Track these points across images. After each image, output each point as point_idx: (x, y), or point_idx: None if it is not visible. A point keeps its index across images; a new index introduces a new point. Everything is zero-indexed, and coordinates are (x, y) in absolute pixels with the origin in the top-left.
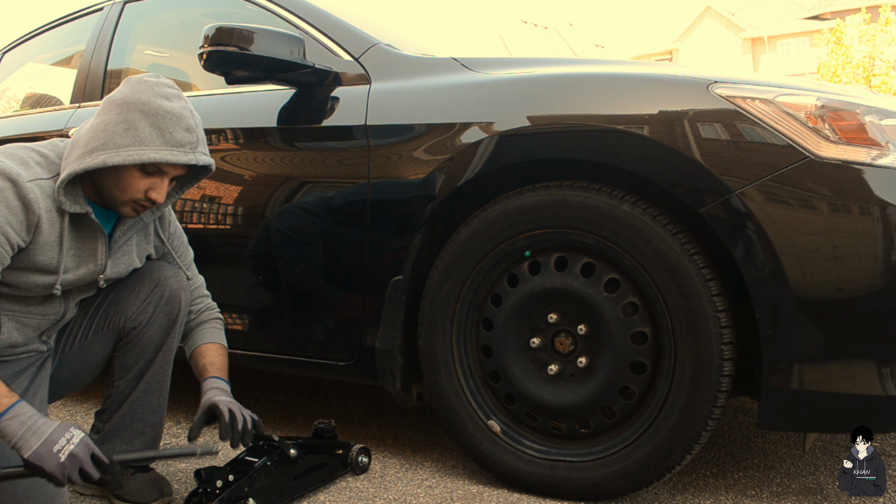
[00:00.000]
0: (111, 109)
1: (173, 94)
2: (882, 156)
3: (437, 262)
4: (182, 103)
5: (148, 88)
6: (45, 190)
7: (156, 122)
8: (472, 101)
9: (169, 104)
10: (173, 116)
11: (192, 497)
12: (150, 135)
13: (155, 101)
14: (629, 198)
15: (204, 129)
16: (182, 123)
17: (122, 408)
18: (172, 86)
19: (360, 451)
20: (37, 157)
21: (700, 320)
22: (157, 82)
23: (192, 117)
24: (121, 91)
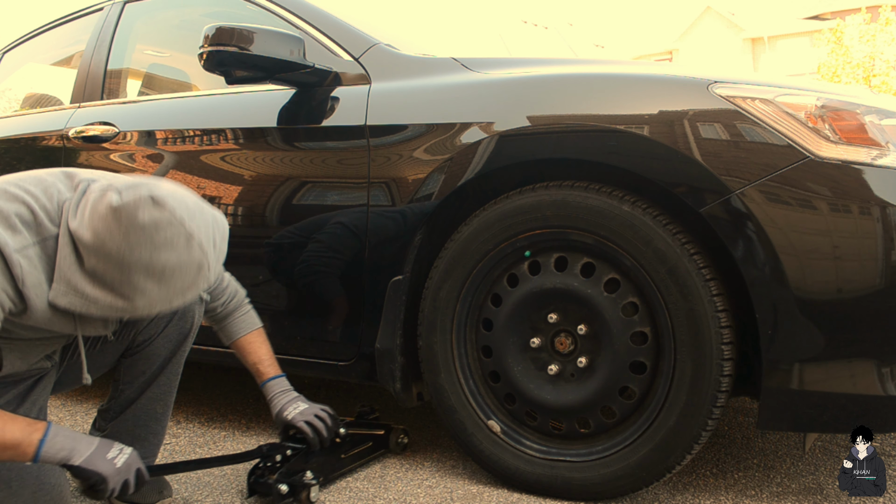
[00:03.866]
0: (109, 254)
1: (173, 234)
2: (882, 156)
3: (437, 262)
4: (185, 244)
5: (146, 238)
6: (32, 261)
7: (163, 282)
8: (472, 101)
9: (175, 256)
10: (182, 272)
11: (255, 470)
12: (160, 294)
13: (159, 259)
14: (629, 198)
15: (204, 129)
16: (190, 276)
17: (125, 412)
18: (167, 220)
19: (401, 432)
20: (25, 214)
21: (700, 320)
22: (152, 223)
23: (199, 255)
24: (114, 233)
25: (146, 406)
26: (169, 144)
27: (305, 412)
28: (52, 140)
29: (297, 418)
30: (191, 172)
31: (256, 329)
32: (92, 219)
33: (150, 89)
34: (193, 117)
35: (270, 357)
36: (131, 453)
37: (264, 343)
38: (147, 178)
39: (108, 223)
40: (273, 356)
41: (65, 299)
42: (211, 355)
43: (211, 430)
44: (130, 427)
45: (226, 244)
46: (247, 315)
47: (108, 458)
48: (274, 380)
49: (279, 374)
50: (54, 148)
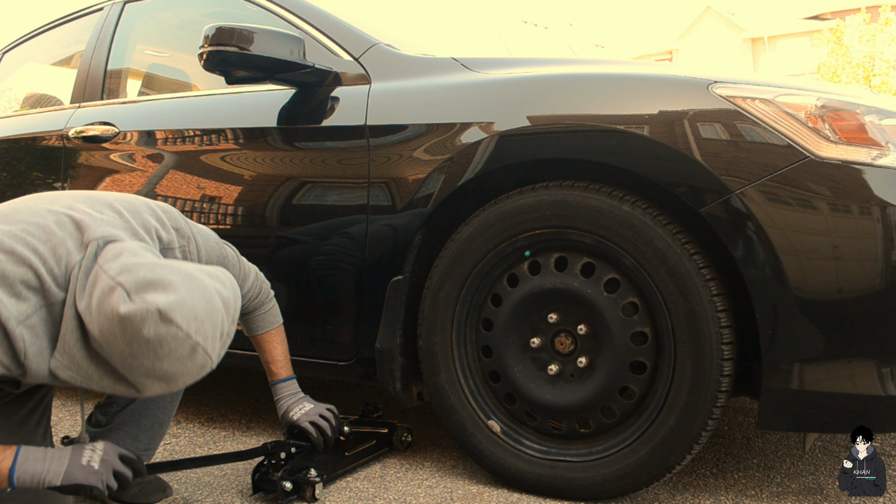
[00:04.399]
0: (112, 352)
1: (177, 346)
2: (882, 156)
3: (437, 262)
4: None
5: (150, 350)
6: (35, 330)
7: (164, 381)
8: (472, 101)
9: (178, 365)
10: (184, 375)
11: (260, 467)
12: (161, 388)
13: (161, 367)
14: (629, 198)
15: (204, 129)
16: (192, 375)
17: (133, 403)
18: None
19: (404, 430)
20: (32, 279)
21: (700, 320)
22: (156, 339)
23: (203, 359)
24: (118, 339)
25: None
26: (169, 144)
27: (310, 412)
28: (52, 140)
29: (301, 419)
30: (191, 172)
31: (276, 328)
32: (99, 314)
33: (150, 89)
34: (193, 117)
35: (285, 357)
36: (105, 446)
37: (281, 342)
38: (162, 271)
39: (112, 326)
40: (287, 356)
41: (66, 373)
42: None
43: (211, 430)
44: (136, 418)
45: (235, 324)
46: (268, 313)
47: (84, 464)
48: (283, 382)
49: (290, 377)
50: (54, 148)
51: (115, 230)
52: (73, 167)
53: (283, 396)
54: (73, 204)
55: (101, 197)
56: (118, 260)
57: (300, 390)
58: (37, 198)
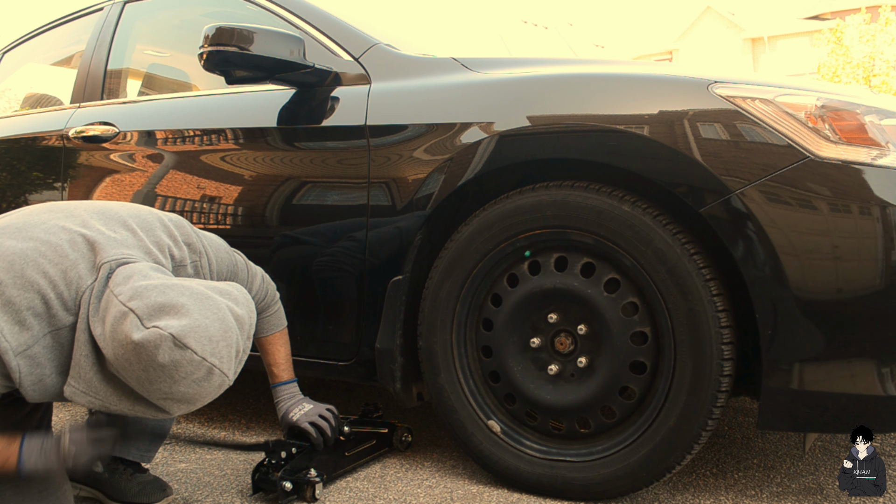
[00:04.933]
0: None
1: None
2: (882, 156)
3: (437, 262)
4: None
5: (166, 375)
6: (35, 359)
7: (183, 403)
8: (472, 101)
9: (195, 388)
10: (201, 396)
11: (260, 467)
12: (180, 408)
13: (178, 390)
14: (629, 198)
15: (204, 129)
16: (210, 395)
17: None
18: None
19: (404, 430)
20: (38, 305)
21: (700, 320)
22: (171, 364)
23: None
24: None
25: None
26: (169, 144)
27: (310, 413)
28: (52, 140)
29: (301, 419)
30: (191, 172)
31: (280, 330)
32: (113, 341)
33: (150, 89)
34: (193, 117)
35: (287, 360)
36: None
37: (284, 345)
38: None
39: (127, 353)
40: (290, 359)
41: (83, 398)
42: None
43: (211, 430)
44: (138, 418)
45: (250, 340)
46: (273, 315)
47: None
48: (284, 384)
49: (291, 379)
50: (54, 148)
51: (129, 250)
52: (73, 167)
53: (283, 398)
54: (86, 220)
55: (115, 213)
56: (129, 283)
57: (300, 392)
58: (51, 210)
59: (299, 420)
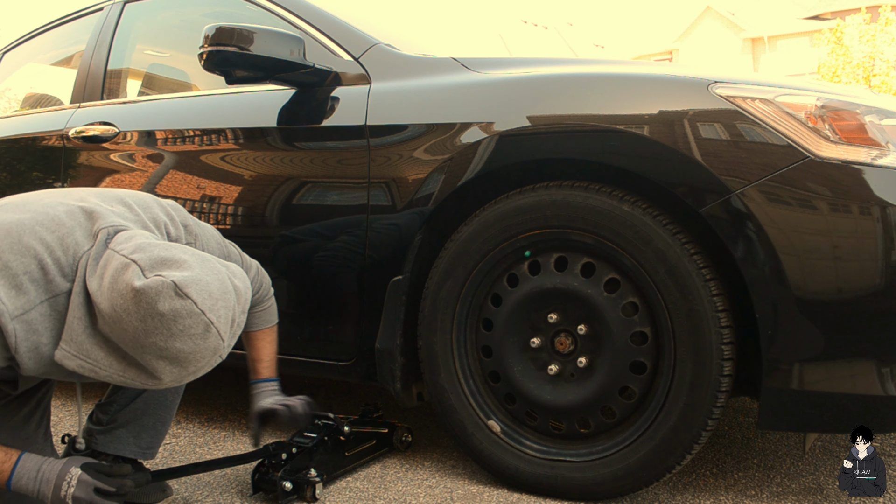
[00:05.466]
0: (124, 330)
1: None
2: (882, 156)
3: (437, 262)
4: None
5: (163, 327)
6: (31, 325)
7: (175, 364)
8: (472, 101)
9: (191, 344)
10: (196, 358)
11: (260, 467)
12: (171, 373)
13: (174, 346)
14: (629, 198)
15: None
16: (204, 360)
17: (135, 401)
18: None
19: (404, 430)
20: (35, 270)
21: (700, 320)
22: (171, 313)
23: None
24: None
25: (157, 393)
26: (169, 144)
27: (282, 400)
28: (52, 140)
29: (269, 403)
30: (191, 172)
31: (269, 326)
32: (111, 291)
33: (150, 89)
34: (193, 117)
35: (272, 358)
36: (78, 483)
37: (272, 342)
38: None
39: (126, 302)
40: (275, 357)
41: (73, 362)
42: None
43: (211, 430)
44: (139, 416)
45: (245, 315)
46: (265, 311)
47: (62, 497)
48: (265, 381)
49: (273, 377)
50: (54, 148)
51: (126, 222)
52: (73, 167)
53: (257, 394)
54: (84, 196)
55: (113, 192)
56: (131, 242)
57: (279, 389)
58: (49, 191)
59: (266, 404)
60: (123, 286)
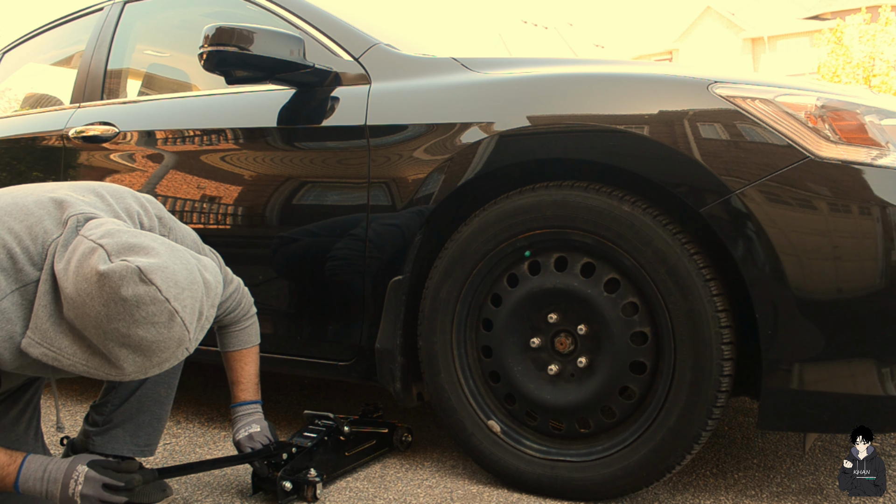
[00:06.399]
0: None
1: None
2: (882, 156)
3: (437, 262)
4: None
5: (126, 313)
6: (5, 314)
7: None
8: (472, 101)
9: (154, 332)
10: (159, 347)
11: (261, 468)
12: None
13: (136, 333)
14: (629, 198)
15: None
16: (169, 350)
17: (129, 400)
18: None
19: (404, 430)
20: (4, 260)
21: (700, 320)
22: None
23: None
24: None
25: (150, 390)
26: (169, 144)
27: (252, 439)
28: (52, 140)
29: (243, 442)
30: (191, 172)
31: (249, 347)
32: (77, 275)
33: (150, 89)
34: (193, 117)
35: (252, 379)
36: (86, 480)
37: (253, 363)
38: (145, 239)
39: (90, 286)
40: (257, 379)
41: (37, 350)
42: (211, 355)
43: (211, 430)
44: (134, 413)
45: (215, 309)
46: (244, 331)
47: (70, 495)
48: (244, 405)
49: (254, 400)
50: (54, 148)
51: (97, 211)
52: (73, 167)
53: (237, 418)
54: (55, 188)
55: (86, 184)
56: (101, 228)
57: (260, 412)
58: (20, 186)
59: (241, 442)
60: (88, 270)
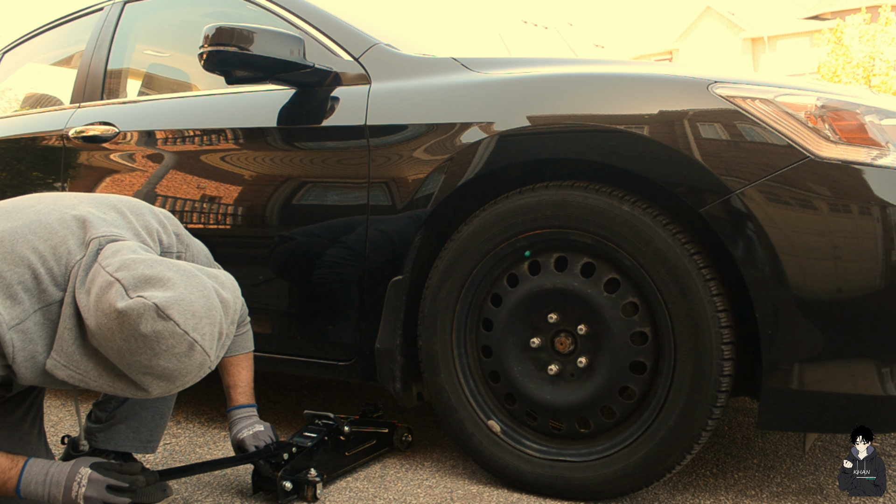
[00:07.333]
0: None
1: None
2: (882, 156)
3: (437, 262)
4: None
5: (146, 347)
6: (27, 334)
7: (162, 380)
8: (472, 101)
9: (175, 362)
10: (181, 373)
11: (264, 467)
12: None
13: (158, 364)
14: (629, 198)
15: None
16: (191, 374)
17: None
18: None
19: (405, 430)
20: (28, 280)
21: (700, 320)
22: (153, 335)
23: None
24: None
25: None
26: (169, 144)
27: (259, 434)
28: (52, 140)
29: (247, 441)
30: (191, 172)
31: (245, 353)
32: (97, 310)
33: (150, 89)
34: (193, 117)
35: (248, 384)
36: (89, 483)
37: (248, 368)
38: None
39: (110, 322)
40: (251, 384)
41: (63, 372)
42: None
43: (211, 430)
44: (136, 410)
45: (234, 325)
46: (242, 336)
47: (73, 497)
48: (240, 409)
49: (250, 403)
50: (54, 148)
51: (118, 230)
52: (73, 167)
53: (235, 420)
54: (76, 203)
55: (106, 199)
56: (117, 257)
57: (257, 415)
58: (41, 197)
59: (245, 440)
60: (107, 306)
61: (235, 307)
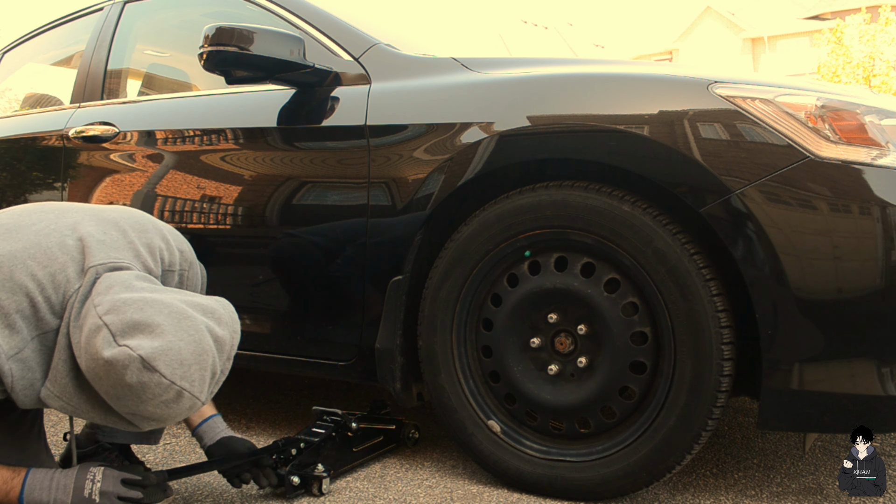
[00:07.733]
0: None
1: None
2: (882, 156)
3: (437, 262)
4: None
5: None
6: (26, 363)
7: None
8: (472, 101)
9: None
10: (171, 416)
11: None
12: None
13: (146, 409)
14: (629, 198)
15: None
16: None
17: None
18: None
19: (412, 427)
20: (26, 308)
21: (700, 320)
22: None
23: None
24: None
25: None
26: (169, 144)
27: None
28: (52, 140)
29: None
30: (191, 172)
31: None
32: (86, 352)
33: (150, 89)
34: (193, 117)
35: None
36: (104, 477)
37: None
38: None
39: (98, 367)
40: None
41: (56, 402)
42: None
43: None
44: None
45: (230, 361)
46: None
47: (86, 496)
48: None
49: (214, 414)
50: (54, 148)
51: (118, 253)
52: (73, 167)
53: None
54: (78, 221)
55: (109, 214)
56: (109, 294)
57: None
58: (43, 211)
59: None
60: (94, 352)
61: (232, 342)
